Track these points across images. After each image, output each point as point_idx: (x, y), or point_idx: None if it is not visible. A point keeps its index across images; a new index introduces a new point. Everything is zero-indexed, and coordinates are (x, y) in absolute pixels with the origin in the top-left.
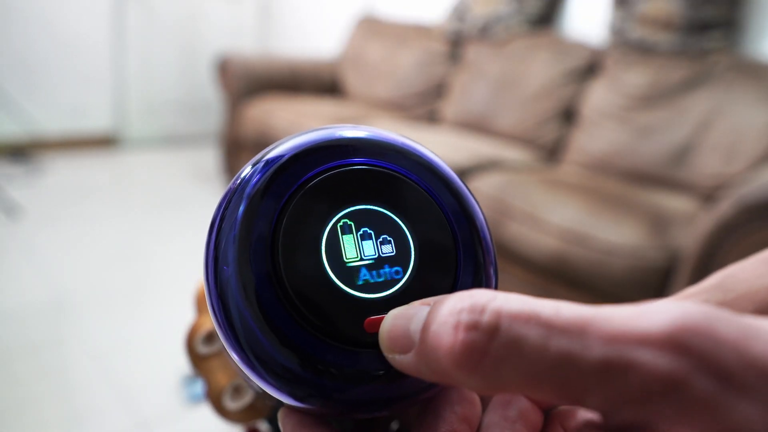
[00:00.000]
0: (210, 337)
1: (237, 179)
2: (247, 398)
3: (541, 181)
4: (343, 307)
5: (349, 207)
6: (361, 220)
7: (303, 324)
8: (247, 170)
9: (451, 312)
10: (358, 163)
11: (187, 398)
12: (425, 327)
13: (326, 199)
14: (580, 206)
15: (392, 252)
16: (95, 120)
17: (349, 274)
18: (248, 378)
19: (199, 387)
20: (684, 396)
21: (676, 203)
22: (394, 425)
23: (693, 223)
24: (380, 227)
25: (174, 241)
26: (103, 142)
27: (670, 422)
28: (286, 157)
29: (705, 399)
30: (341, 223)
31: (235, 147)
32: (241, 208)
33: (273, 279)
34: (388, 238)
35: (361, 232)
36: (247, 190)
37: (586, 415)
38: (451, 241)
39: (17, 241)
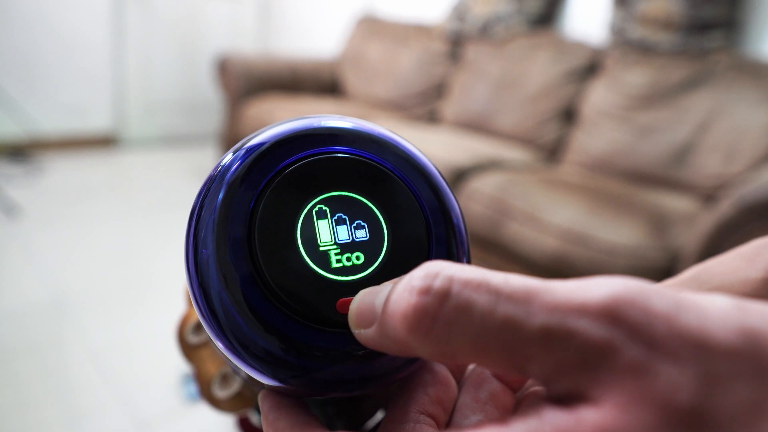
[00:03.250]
0: (199, 327)
1: (218, 166)
2: (235, 386)
3: (541, 181)
4: (318, 289)
5: (324, 193)
6: (336, 205)
7: (280, 306)
8: (228, 157)
9: (409, 281)
10: (338, 152)
11: (186, 397)
12: (387, 299)
13: (303, 185)
14: (580, 206)
15: (366, 237)
16: (95, 120)
17: (323, 257)
18: (230, 361)
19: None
20: (616, 363)
21: (676, 203)
22: (380, 414)
23: (693, 223)
24: (355, 213)
25: (173, 240)
26: (103, 142)
27: (604, 388)
28: (267, 144)
29: (635, 365)
30: (317, 209)
31: None
32: (221, 194)
33: (250, 262)
34: (362, 224)
35: (335, 217)
36: (227, 176)
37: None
38: (424, 230)
39: (17, 241)
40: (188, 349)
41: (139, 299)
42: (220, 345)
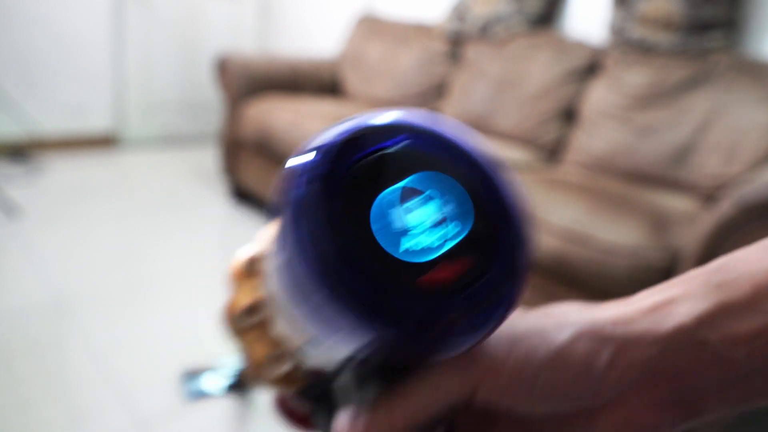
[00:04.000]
0: (251, 311)
1: (294, 166)
2: (286, 366)
3: (541, 181)
4: (397, 267)
5: (412, 174)
6: (423, 184)
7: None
8: (301, 158)
9: None
10: (412, 144)
11: (186, 396)
12: None
13: (389, 168)
14: (580, 206)
15: (453, 211)
16: (95, 120)
17: (406, 237)
18: (320, 325)
19: (197, 384)
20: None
21: (676, 203)
22: (440, 429)
23: (693, 223)
24: (442, 191)
25: (173, 240)
26: (103, 142)
27: None
28: (339, 140)
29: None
30: (403, 189)
31: (235, 147)
32: (302, 191)
33: (346, 246)
34: (448, 199)
35: (423, 196)
36: (307, 175)
37: None
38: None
39: (17, 241)
40: (240, 332)
41: (139, 299)
42: (322, 295)
